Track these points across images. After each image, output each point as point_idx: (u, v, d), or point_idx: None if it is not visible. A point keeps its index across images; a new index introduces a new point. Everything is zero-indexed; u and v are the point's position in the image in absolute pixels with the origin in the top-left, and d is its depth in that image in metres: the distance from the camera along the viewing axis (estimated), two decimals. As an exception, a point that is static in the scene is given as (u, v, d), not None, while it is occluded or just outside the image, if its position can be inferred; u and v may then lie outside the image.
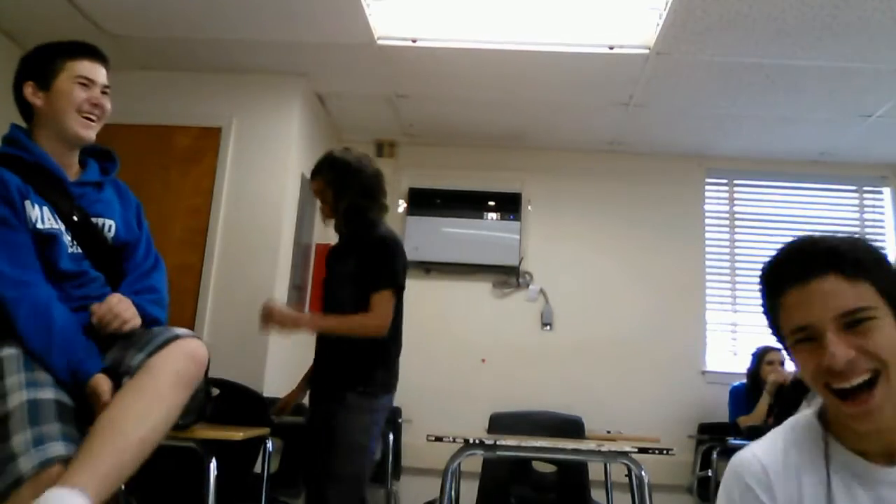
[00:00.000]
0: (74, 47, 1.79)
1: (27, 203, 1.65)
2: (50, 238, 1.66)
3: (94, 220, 1.78)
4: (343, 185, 2.51)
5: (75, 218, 1.73)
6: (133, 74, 3.80)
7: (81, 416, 1.53)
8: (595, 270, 4.72)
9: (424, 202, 4.72)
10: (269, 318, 2.36)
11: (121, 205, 1.88)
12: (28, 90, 1.75)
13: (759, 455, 1.11)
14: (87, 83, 1.76)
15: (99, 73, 1.79)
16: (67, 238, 1.71)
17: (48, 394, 1.50)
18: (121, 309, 1.65)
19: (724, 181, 4.91)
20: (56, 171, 1.74)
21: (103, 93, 1.80)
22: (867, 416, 0.95)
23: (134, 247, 1.87)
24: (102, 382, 1.52)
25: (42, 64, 1.76)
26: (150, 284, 1.83)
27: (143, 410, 1.47)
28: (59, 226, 1.69)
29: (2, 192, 1.62)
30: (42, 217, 1.67)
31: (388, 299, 2.42)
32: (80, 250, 1.73)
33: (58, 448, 1.41)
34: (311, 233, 4.37)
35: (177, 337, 1.59)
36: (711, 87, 3.82)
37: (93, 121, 1.77)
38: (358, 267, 2.45)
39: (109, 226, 1.80)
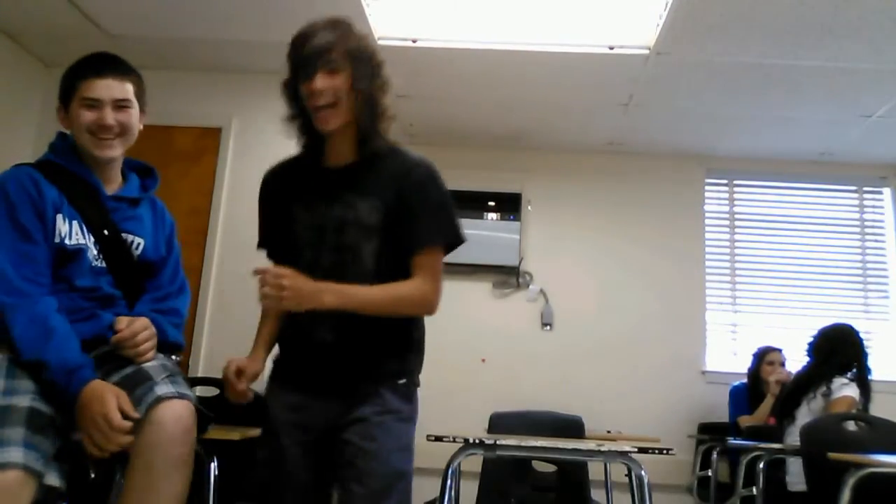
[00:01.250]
0: (83, 66, 1.75)
1: (59, 217, 1.66)
2: (75, 254, 1.67)
3: (123, 235, 1.77)
4: (371, 79, 1.63)
5: (106, 232, 1.73)
6: (133, 74, 3.80)
7: (63, 425, 1.51)
8: (595, 270, 4.72)
9: (424, 202, 4.71)
10: (280, 288, 1.46)
11: (153, 224, 1.87)
12: (59, 115, 1.77)
13: None
14: (94, 103, 1.72)
15: (106, 90, 1.73)
16: (94, 252, 1.71)
17: (24, 401, 1.48)
18: (142, 339, 1.64)
19: (724, 181, 4.92)
20: (94, 183, 1.75)
21: (121, 107, 1.75)
22: None
23: (159, 267, 1.86)
24: (110, 398, 1.49)
25: (63, 86, 1.77)
26: (174, 307, 1.84)
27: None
28: (87, 240, 1.70)
29: (37, 204, 1.64)
30: (70, 232, 1.68)
31: (440, 260, 1.68)
32: (104, 265, 1.73)
33: (14, 454, 1.40)
34: (311, 233, 4.36)
35: (159, 400, 1.52)
36: (711, 87, 3.82)
37: (108, 139, 1.73)
38: (389, 212, 1.61)
39: (138, 244, 1.80)
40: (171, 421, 1.51)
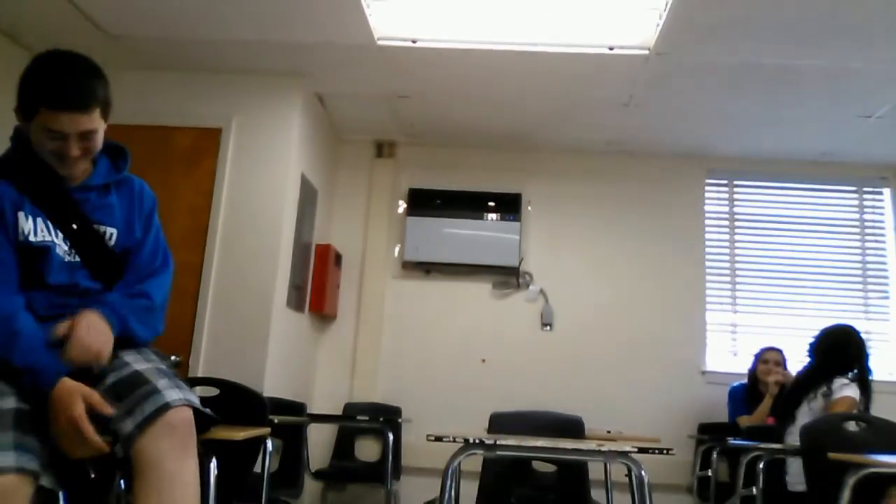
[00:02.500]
0: (52, 95, 1.58)
1: (20, 215, 1.63)
2: (41, 251, 1.64)
3: (94, 227, 1.73)
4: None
5: (74, 226, 1.70)
6: (133, 74, 3.80)
7: (40, 422, 1.48)
8: (595, 270, 4.72)
9: (424, 202, 4.72)
10: None
11: (127, 208, 1.81)
12: (18, 116, 1.67)
13: None
14: (58, 136, 1.60)
15: (71, 125, 1.60)
16: (64, 248, 1.68)
17: (9, 403, 1.46)
18: (90, 342, 1.53)
19: (725, 182, 4.91)
20: (57, 175, 1.70)
21: (84, 138, 1.63)
22: None
23: (136, 249, 1.81)
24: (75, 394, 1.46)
25: (23, 97, 1.63)
26: (144, 290, 1.76)
27: None
28: (53, 237, 1.66)
29: None
30: (35, 229, 1.64)
31: None
32: (77, 259, 1.69)
33: (7, 459, 1.38)
34: (311, 233, 4.37)
35: (167, 406, 1.49)
36: (711, 88, 3.82)
37: (71, 163, 1.66)
38: None
39: (110, 234, 1.76)
40: (179, 427, 1.50)
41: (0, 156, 1.73)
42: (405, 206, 4.81)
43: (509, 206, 4.70)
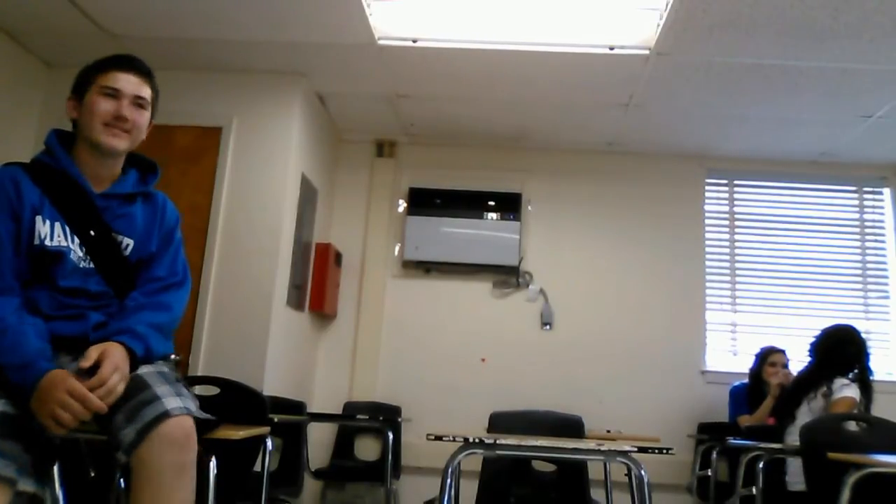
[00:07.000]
0: (108, 60, 1.79)
1: (38, 218, 1.65)
2: (56, 255, 1.66)
3: (112, 235, 1.75)
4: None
5: (92, 232, 1.71)
6: (133, 74, 3.80)
7: (39, 428, 1.47)
8: (595, 270, 4.73)
9: (424, 202, 4.72)
10: None
11: (147, 221, 1.83)
12: (69, 105, 1.78)
13: None
14: (113, 93, 1.74)
15: (127, 83, 1.77)
16: (80, 254, 1.69)
17: None
18: (112, 384, 1.50)
19: (724, 181, 4.92)
20: (80, 181, 1.73)
21: (137, 105, 1.79)
22: None
23: (151, 261, 1.81)
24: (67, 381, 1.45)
25: (81, 77, 1.78)
26: (166, 301, 1.77)
27: None
28: (69, 242, 1.68)
29: (14, 206, 1.64)
30: (52, 233, 1.66)
31: None
32: (91, 265, 1.71)
33: None
34: (311, 233, 4.37)
35: (167, 415, 1.48)
36: (711, 88, 3.82)
37: (119, 129, 1.75)
38: None
39: (127, 244, 1.77)
40: (179, 436, 1.49)
41: (33, 157, 1.76)
42: (405, 205, 4.81)
43: (509, 205, 4.70)
